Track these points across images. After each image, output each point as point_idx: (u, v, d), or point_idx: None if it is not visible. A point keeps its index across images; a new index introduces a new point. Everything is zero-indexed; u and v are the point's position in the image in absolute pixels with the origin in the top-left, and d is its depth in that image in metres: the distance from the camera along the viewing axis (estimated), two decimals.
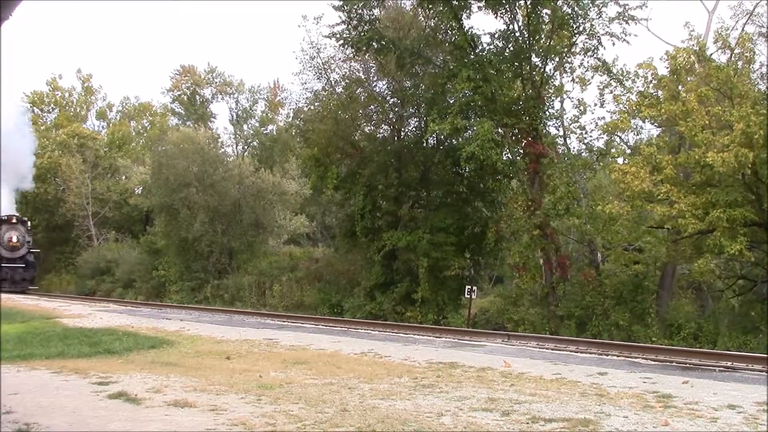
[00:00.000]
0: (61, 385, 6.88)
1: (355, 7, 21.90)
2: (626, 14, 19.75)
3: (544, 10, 19.96)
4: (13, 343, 10.28)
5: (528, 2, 19.83)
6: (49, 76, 55.15)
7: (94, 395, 6.34)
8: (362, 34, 21.79)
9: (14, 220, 32.70)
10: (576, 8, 19.79)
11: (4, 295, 24.62)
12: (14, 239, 32.18)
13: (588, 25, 20.12)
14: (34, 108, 46.74)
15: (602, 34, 20.17)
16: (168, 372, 7.57)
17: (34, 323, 14.13)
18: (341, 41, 22.31)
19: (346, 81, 27.08)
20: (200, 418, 5.39)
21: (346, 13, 22.00)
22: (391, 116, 26.64)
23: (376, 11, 22.96)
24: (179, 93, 45.04)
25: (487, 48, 21.03)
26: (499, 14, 20.53)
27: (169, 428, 5.09)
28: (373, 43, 21.71)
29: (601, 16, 19.92)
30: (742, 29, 20.12)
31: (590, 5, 19.75)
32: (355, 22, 21.98)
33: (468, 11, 20.75)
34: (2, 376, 6.81)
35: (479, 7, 20.51)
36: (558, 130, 22.88)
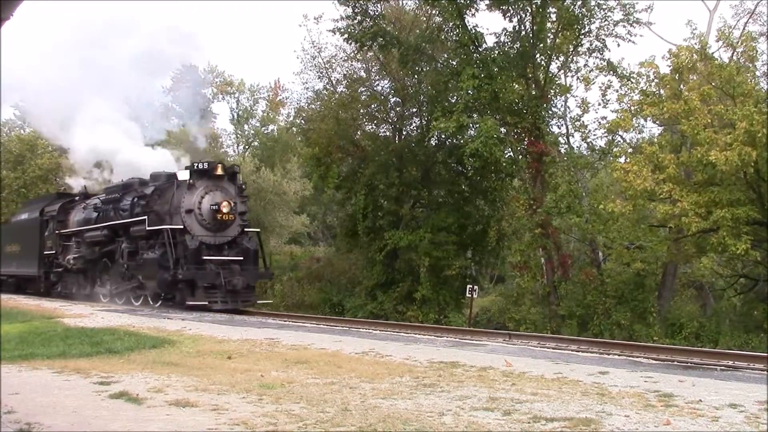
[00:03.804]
0: (63, 385, 6.88)
1: (360, 1, 21.93)
2: (632, 17, 19.78)
3: (551, 10, 19.96)
4: (15, 342, 10.28)
5: (536, 1, 19.83)
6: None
7: (96, 395, 6.35)
8: (366, 29, 21.82)
9: (219, 171, 18.60)
10: (583, 9, 19.82)
11: (4, 296, 24.59)
12: (224, 207, 18.08)
13: (594, 26, 20.15)
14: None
15: (607, 35, 20.20)
16: (169, 372, 7.58)
17: (36, 323, 14.13)
18: (345, 35, 22.32)
19: (348, 80, 27.08)
20: (202, 417, 5.39)
21: (351, 7, 22.04)
22: (392, 115, 26.63)
23: (380, 6, 22.98)
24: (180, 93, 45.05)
25: (492, 46, 21.05)
26: (506, 14, 20.56)
27: (170, 428, 5.09)
28: (378, 39, 21.74)
29: (607, 20, 19.95)
30: (743, 28, 20.12)
31: (597, 9, 19.77)
32: (359, 18, 22.01)
33: (474, 9, 20.77)
34: (3, 375, 6.82)
35: (487, 5, 20.52)
36: (561, 128, 22.89)
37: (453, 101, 22.31)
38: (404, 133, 26.37)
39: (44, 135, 32.10)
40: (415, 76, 24.23)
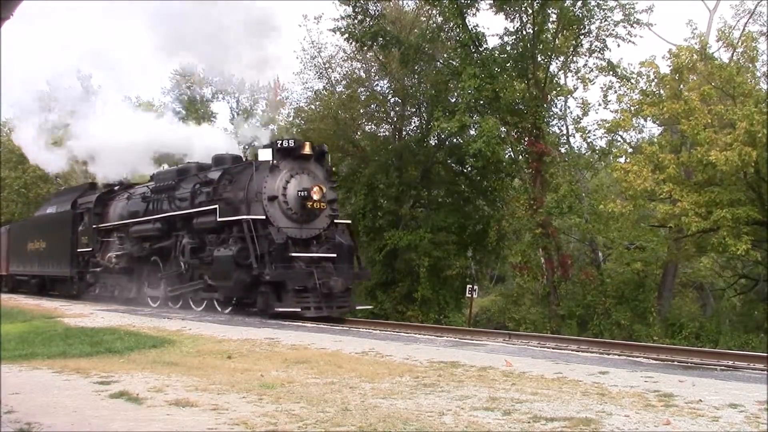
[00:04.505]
0: (63, 385, 6.88)
1: (360, 1, 21.95)
2: (632, 18, 19.81)
3: (552, 10, 19.99)
4: (15, 342, 10.29)
5: (536, 2, 19.86)
6: (49, 75, 55.16)
7: (96, 395, 6.35)
8: (367, 29, 21.84)
9: (306, 150, 15.70)
10: (583, 10, 19.85)
11: (5, 295, 24.51)
12: (314, 193, 15.31)
13: (594, 26, 20.18)
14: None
15: (607, 35, 20.23)
16: (169, 371, 7.58)
17: (36, 323, 14.15)
18: (345, 35, 22.34)
19: (347, 80, 27.08)
20: (202, 417, 5.39)
21: (351, 7, 22.06)
22: (392, 115, 26.63)
23: (380, 6, 23.01)
24: (180, 93, 45.04)
25: (493, 46, 21.09)
26: (507, 14, 20.58)
27: (170, 428, 5.09)
28: (379, 39, 21.76)
29: (606, 20, 19.99)
30: (743, 28, 20.13)
31: (597, 9, 19.81)
32: (360, 17, 22.04)
33: (474, 9, 20.79)
34: (3, 375, 6.82)
35: (490, 5, 20.54)
36: (561, 129, 22.91)
37: (453, 101, 22.33)
38: (404, 133, 26.38)
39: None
40: (415, 76, 24.24)
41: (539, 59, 20.83)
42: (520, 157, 21.51)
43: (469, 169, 23.37)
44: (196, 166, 18.53)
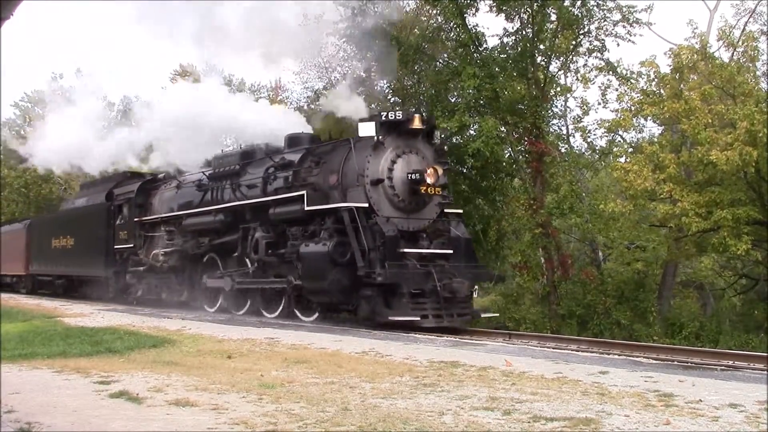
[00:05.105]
0: (63, 385, 6.89)
1: (360, 2, 21.94)
2: (632, 18, 19.80)
3: (551, 10, 19.99)
4: (15, 342, 10.30)
5: (536, 2, 19.85)
6: (50, 75, 55.27)
7: (96, 394, 6.35)
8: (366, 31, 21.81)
9: (416, 124, 13.29)
10: (582, 10, 19.85)
11: (5, 295, 24.44)
12: (429, 176, 12.98)
13: (593, 26, 20.18)
14: (36, 107, 46.80)
15: (607, 35, 20.23)
16: (169, 371, 7.58)
17: (36, 322, 14.16)
18: (344, 39, 22.34)
19: (347, 80, 27.05)
20: (202, 417, 5.39)
21: (350, 8, 22.05)
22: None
23: (379, 7, 23.00)
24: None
25: (492, 46, 21.10)
26: (508, 15, 20.57)
27: (170, 427, 5.09)
28: (377, 40, 21.75)
29: (606, 20, 19.98)
30: (744, 28, 20.14)
31: (596, 9, 19.80)
32: (359, 18, 22.04)
33: (474, 9, 20.79)
34: (3, 375, 6.82)
35: (490, 6, 20.54)
36: (561, 129, 22.92)
37: (453, 101, 22.32)
38: None
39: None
40: (415, 76, 24.23)
41: (539, 59, 20.84)
42: (520, 156, 21.52)
43: (469, 168, 23.35)
44: (264, 148, 16.16)
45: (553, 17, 20.36)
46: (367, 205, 12.66)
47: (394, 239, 12.30)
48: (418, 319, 11.80)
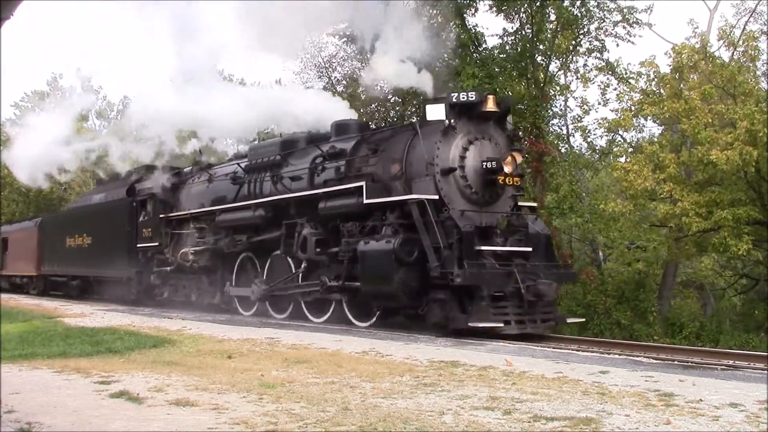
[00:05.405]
0: (63, 385, 6.89)
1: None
2: (631, 18, 19.80)
3: (550, 9, 20.01)
4: (15, 342, 10.31)
5: (535, 1, 19.85)
6: (50, 75, 55.37)
7: (96, 394, 6.35)
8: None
9: (490, 106, 12.10)
10: (582, 10, 19.86)
11: (5, 295, 24.43)
12: (507, 165, 11.82)
13: (593, 26, 20.20)
14: (35, 107, 46.82)
15: (607, 35, 20.24)
16: (170, 371, 7.59)
17: (36, 322, 14.16)
18: (344, 39, 22.34)
19: (347, 80, 27.06)
20: (202, 417, 5.39)
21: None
22: (392, 114, 26.60)
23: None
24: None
25: (492, 46, 21.12)
26: (507, 16, 20.57)
27: (170, 427, 5.09)
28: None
29: (606, 20, 19.99)
30: (744, 27, 20.15)
31: (596, 10, 19.81)
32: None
33: (473, 9, 20.80)
34: (4, 375, 6.82)
35: (489, 6, 20.53)
36: (561, 129, 22.92)
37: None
38: None
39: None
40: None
41: (539, 59, 20.85)
42: None
43: None
44: (306, 136, 14.96)
45: (553, 17, 20.38)
46: (437, 197, 11.34)
47: (471, 235, 10.97)
48: (501, 325, 10.66)
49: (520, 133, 20.38)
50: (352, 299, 12.62)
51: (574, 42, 20.76)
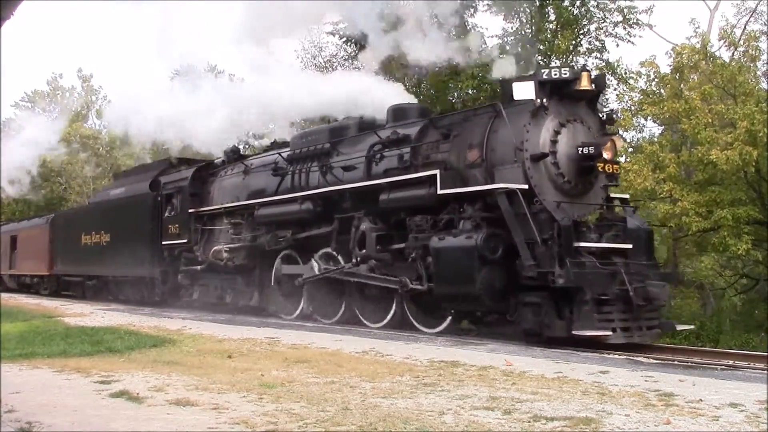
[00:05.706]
0: (63, 384, 6.89)
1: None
2: (632, 19, 19.78)
3: (549, 9, 20.01)
4: (15, 341, 10.30)
5: (535, 1, 19.84)
6: (50, 75, 55.38)
7: (96, 394, 6.35)
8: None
9: (584, 84, 10.46)
10: (582, 10, 19.86)
11: (5, 295, 24.42)
12: (607, 151, 10.20)
13: (593, 27, 20.19)
14: (35, 107, 46.83)
15: (607, 35, 20.24)
16: (170, 371, 7.59)
17: (36, 322, 14.15)
18: (344, 39, 22.33)
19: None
20: (202, 416, 5.39)
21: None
22: None
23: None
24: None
25: (492, 46, 21.11)
26: (506, 16, 20.58)
27: (171, 427, 5.09)
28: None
29: (605, 21, 19.99)
30: (744, 27, 20.16)
31: (596, 10, 19.80)
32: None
33: (473, 9, 20.82)
34: (4, 374, 6.82)
35: (488, 5, 20.53)
36: None
37: (453, 101, 22.31)
38: None
39: None
40: (415, 76, 24.22)
41: (539, 59, 20.84)
42: None
43: None
44: (357, 122, 13.67)
45: (552, 17, 20.38)
46: (526, 186, 9.90)
47: (570, 230, 9.57)
48: (610, 333, 9.22)
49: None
50: (419, 301, 11.37)
51: (574, 42, 20.75)
